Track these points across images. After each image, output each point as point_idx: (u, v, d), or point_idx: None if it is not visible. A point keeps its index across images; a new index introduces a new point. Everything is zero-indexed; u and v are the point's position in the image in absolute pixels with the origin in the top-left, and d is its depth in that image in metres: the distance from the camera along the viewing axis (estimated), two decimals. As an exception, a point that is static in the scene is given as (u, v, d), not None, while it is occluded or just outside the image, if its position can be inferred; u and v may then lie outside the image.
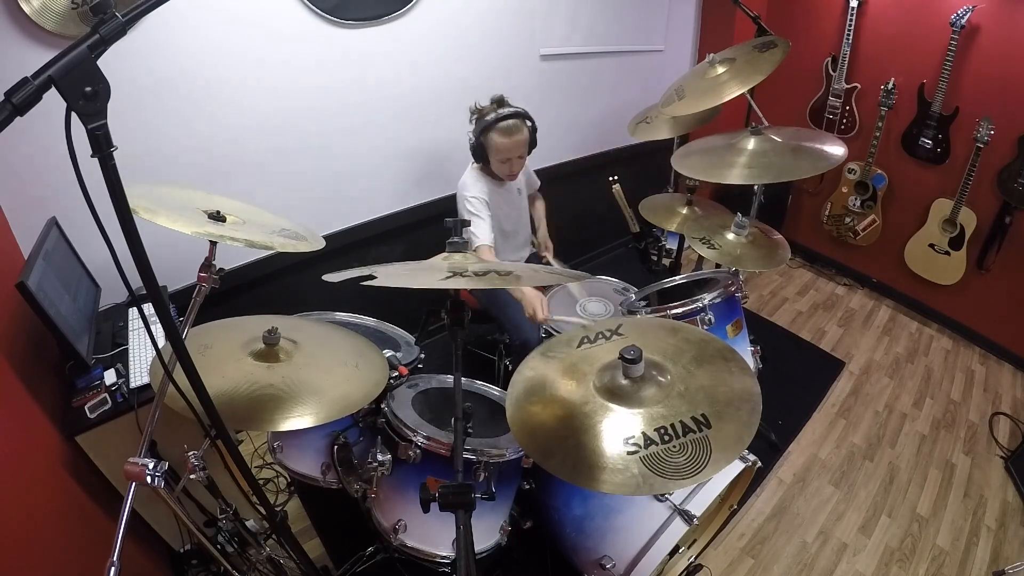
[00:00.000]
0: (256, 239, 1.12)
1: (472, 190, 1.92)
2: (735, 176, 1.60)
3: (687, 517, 1.24)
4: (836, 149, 1.59)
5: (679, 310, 1.56)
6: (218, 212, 1.13)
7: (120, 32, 0.55)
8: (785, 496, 1.98)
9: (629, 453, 0.89)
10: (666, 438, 0.90)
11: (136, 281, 0.69)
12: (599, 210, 2.20)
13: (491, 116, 1.80)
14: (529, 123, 1.86)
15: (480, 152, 1.88)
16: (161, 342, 0.84)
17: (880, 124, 2.70)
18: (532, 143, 1.90)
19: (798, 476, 2.06)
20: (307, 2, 1.80)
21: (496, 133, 1.80)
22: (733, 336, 1.66)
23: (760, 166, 1.61)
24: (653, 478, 0.85)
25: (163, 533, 1.53)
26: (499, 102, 1.84)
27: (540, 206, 2.27)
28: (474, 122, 1.86)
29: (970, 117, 2.41)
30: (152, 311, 0.77)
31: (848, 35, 2.70)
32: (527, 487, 1.44)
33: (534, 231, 2.24)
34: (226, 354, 1.17)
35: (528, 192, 2.21)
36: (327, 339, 1.37)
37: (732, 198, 2.37)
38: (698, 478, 0.86)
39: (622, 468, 0.87)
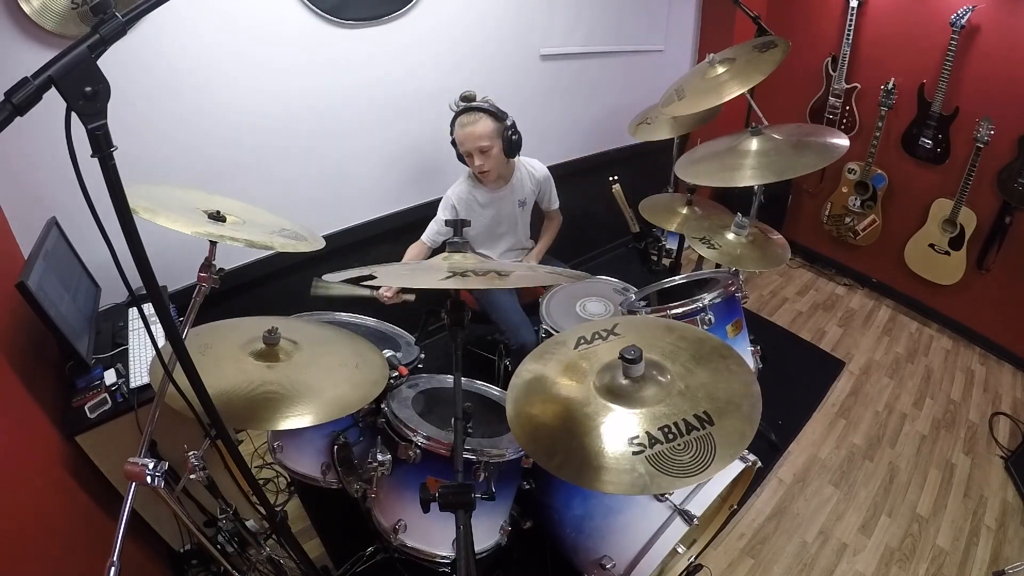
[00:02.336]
0: (256, 239, 1.12)
1: (450, 190, 1.97)
2: (746, 178, 1.59)
3: (687, 517, 1.24)
4: (838, 140, 1.58)
5: (679, 310, 1.56)
6: (218, 212, 1.13)
7: (120, 32, 0.56)
8: (785, 496, 1.98)
9: (634, 453, 0.88)
10: (670, 436, 0.90)
11: (136, 281, 0.69)
12: (599, 210, 2.19)
13: (455, 112, 1.82)
14: (494, 116, 1.76)
15: (458, 152, 1.87)
16: (161, 342, 0.84)
17: (880, 124, 2.70)
18: (506, 141, 1.78)
19: (798, 476, 2.06)
20: (307, 2, 1.80)
21: (456, 126, 1.81)
22: (733, 336, 1.66)
23: (766, 165, 1.60)
24: (660, 477, 0.85)
25: (163, 533, 1.53)
26: (464, 98, 1.82)
27: (551, 227, 2.20)
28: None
29: (970, 117, 2.41)
30: (152, 311, 0.77)
31: (848, 35, 2.70)
32: (527, 487, 1.44)
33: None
34: (226, 354, 1.17)
35: (545, 208, 2.18)
36: (327, 339, 1.37)
37: (732, 198, 2.37)
38: (704, 475, 0.86)
39: (628, 468, 0.87)
